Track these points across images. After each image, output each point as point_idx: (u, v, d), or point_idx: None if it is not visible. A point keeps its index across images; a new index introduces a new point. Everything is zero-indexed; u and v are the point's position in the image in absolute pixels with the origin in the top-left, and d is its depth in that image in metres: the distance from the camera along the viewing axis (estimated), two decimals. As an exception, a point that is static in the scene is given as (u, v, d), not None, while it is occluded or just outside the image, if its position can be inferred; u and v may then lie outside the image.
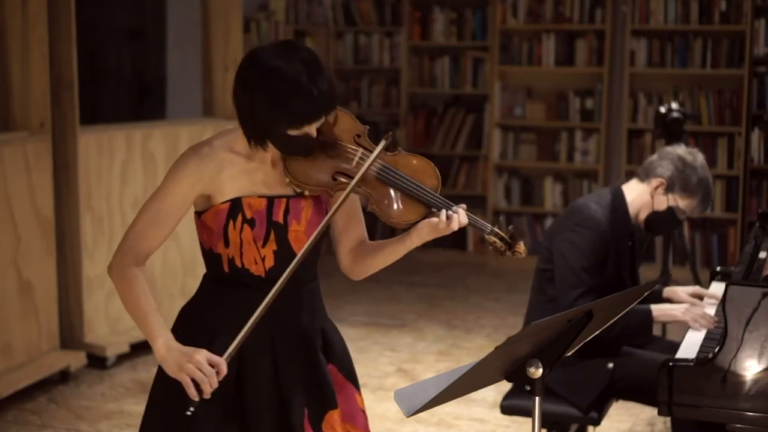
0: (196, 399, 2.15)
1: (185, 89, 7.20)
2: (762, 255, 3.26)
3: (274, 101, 2.18)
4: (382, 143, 2.29)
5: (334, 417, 2.38)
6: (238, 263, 2.33)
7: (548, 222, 7.66)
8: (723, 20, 7.16)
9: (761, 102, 7.07)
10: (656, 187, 3.47)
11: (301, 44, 2.27)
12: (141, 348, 5.28)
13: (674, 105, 5.26)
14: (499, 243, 2.33)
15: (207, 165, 2.28)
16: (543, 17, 7.60)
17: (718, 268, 3.90)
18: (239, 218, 2.29)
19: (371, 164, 2.27)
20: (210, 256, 2.37)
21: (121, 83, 7.43)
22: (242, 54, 4.07)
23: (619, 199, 3.50)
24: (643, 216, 3.52)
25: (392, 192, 2.30)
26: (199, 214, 2.35)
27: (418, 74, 8.06)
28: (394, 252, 2.36)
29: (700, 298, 3.59)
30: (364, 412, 2.46)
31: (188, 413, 2.14)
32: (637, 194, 3.51)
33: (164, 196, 2.29)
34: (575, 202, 3.58)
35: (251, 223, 2.29)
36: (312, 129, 2.24)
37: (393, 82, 8.14)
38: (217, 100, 6.01)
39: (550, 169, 7.74)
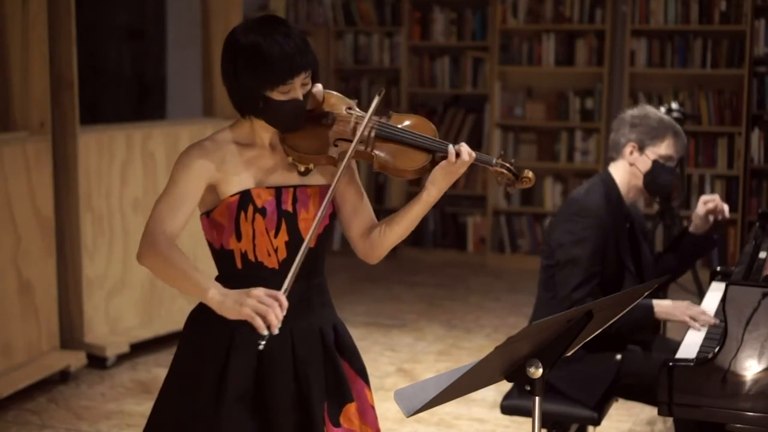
0: (265, 332, 2.11)
1: (185, 89, 7.21)
2: (762, 255, 3.26)
3: (250, 64, 2.24)
4: (377, 99, 2.33)
5: (351, 410, 2.41)
6: (251, 257, 2.33)
7: (548, 222, 7.66)
8: (723, 20, 7.16)
9: (761, 102, 7.07)
10: (630, 153, 3.50)
11: (275, 16, 2.34)
12: (141, 348, 5.28)
13: (674, 105, 5.25)
14: (507, 173, 2.38)
15: (211, 155, 2.31)
16: (543, 17, 7.60)
17: (718, 268, 3.91)
18: (250, 208, 2.31)
19: (368, 123, 2.32)
20: (221, 255, 2.37)
21: (121, 83, 7.44)
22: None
23: (610, 185, 3.52)
24: (640, 185, 3.52)
25: (394, 145, 2.36)
26: (207, 214, 2.36)
27: (418, 74, 8.06)
28: (413, 212, 2.38)
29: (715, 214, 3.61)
30: (373, 408, 2.47)
31: (260, 347, 2.11)
32: (621, 172, 3.54)
33: (176, 183, 2.30)
34: (570, 195, 3.61)
35: (263, 212, 2.31)
36: (297, 91, 2.27)
37: (393, 82, 8.13)
38: (217, 100, 6.00)
39: (550, 169, 7.74)
